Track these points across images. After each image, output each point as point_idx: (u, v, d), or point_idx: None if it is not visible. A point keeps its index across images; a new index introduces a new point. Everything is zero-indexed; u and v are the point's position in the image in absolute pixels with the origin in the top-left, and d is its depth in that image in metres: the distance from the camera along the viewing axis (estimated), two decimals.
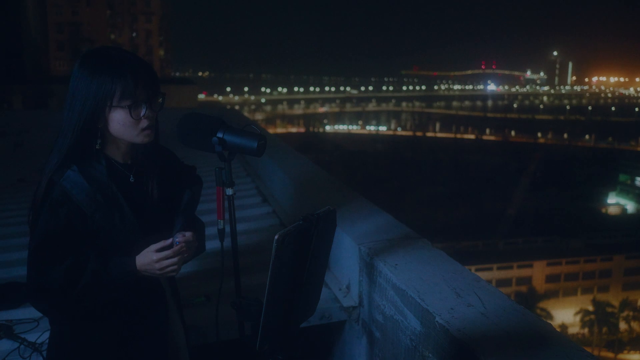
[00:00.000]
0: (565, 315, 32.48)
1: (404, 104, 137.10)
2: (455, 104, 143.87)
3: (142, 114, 1.22)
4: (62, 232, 1.20)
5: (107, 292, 1.23)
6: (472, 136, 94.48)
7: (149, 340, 1.32)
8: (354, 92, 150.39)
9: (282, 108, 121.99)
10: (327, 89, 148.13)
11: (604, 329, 30.99)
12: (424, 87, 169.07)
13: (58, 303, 1.23)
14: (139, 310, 1.31)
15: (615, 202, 55.16)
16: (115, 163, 1.28)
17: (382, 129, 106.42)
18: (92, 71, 1.20)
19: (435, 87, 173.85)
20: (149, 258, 1.22)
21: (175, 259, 1.23)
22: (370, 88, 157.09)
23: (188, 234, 1.28)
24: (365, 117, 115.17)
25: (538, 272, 36.44)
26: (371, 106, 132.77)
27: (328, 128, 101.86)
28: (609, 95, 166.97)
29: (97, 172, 1.24)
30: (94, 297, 1.22)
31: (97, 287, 1.21)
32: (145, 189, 1.31)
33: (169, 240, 1.23)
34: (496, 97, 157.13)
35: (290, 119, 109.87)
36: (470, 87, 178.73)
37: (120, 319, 1.29)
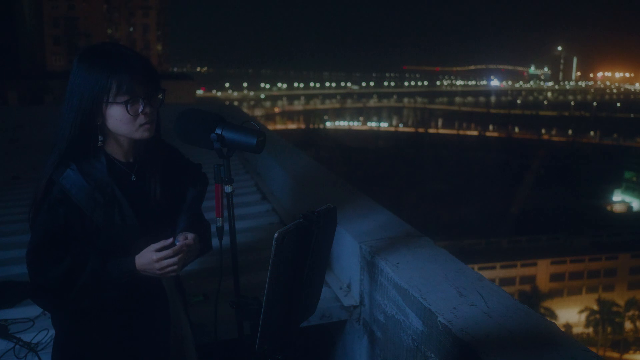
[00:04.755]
0: (570, 314, 32.43)
1: (405, 99, 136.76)
2: (457, 99, 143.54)
3: (139, 110, 1.21)
4: (60, 231, 1.20)
5: (106, 292, 1.23)
6: (475, 132, 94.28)
7: (151, 340, 1.31)
8: (355, 87, 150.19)
9: (282, 104, 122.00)
10: (327, 84, 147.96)
11: (609, 329, 30.86)
12: (426, 83, 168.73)
13: (57, 302, 1.24)
14: (141, 310, 1.30)
15: (621, 199, 54.99)
16: (116, 161, 1.27)
17: (384, 125, 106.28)
18: (89, 67, 1.19)
19: (438, 83, 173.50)
20: (149, 258, 1.21)
21: (175, 259, 1.22)
22: (372, 83, 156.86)
23: (190, 236, 1.27)
24: (366, 113, 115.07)
25: (542, 270, 36.31)
26: (372, 102, 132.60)
27: (328, 124, 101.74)
28: (614, 91, 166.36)
29: (97, 170, 1.23)
30: (93, 297, 1.22)
31: (95, 286, 1.21)
32: (147, 187, 1.30)
33: (169, 240, 1.22)
34: (499, 92, 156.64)
35: (290, 115, 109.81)
36: (473, 82, 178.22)
37: (121, 319, 1.28)
